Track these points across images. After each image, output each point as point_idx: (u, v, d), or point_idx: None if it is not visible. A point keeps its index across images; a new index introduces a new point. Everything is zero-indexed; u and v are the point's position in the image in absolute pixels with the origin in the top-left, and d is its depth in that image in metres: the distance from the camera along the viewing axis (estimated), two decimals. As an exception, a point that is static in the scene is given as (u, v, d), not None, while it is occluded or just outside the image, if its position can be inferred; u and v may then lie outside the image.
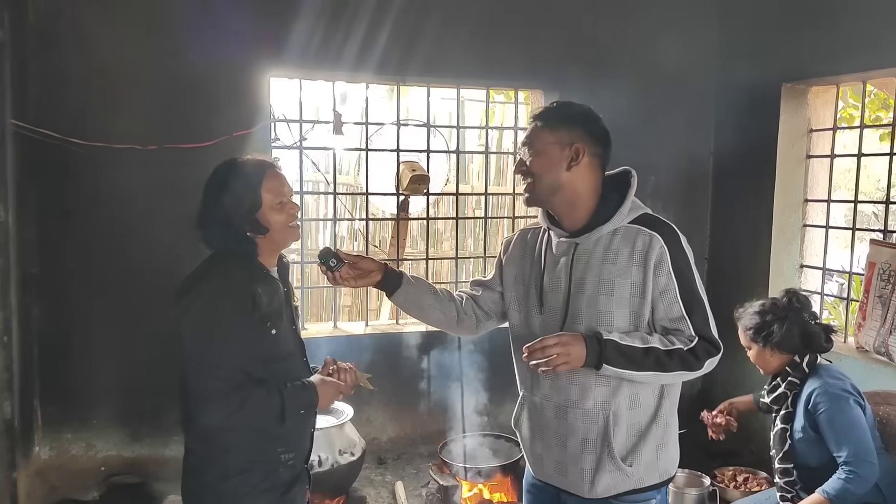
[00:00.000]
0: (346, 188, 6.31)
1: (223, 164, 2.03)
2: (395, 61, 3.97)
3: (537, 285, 2.05)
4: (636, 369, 1.86)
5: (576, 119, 1.97)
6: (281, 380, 2.05)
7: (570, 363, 1.83)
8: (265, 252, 2.08)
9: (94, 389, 3.71)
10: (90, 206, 3.60)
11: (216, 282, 1.94)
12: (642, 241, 1.90)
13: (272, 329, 2.04)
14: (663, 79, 4.45)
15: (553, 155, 1.93)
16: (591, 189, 1.96)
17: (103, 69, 3.55)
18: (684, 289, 1.89)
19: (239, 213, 1.97)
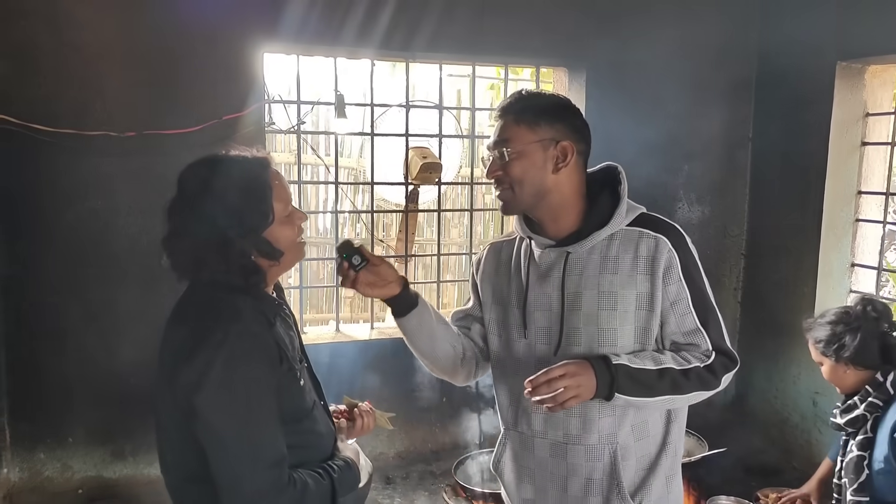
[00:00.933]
0: (350, 173, 5.90)
1: (208, 160, 1.55)
2: (403, 35, 3.53)
3: (519, 304, 1.80)
4: (650, 395, 1.65)
5: (557, 112, 1.73)
6: (311, 440, 1.65)
7: (581, 397, 1.59)
8: (270, 278, 1.64)
9: (69, 403, 3.33)
10: (61, 201, 3.19)
11: (234, 331, 1.45)
12: (647, 245, 1.70)
13: (300, 379, 1.62)
14: (699, 56, 4.03)
15: (536, 156, 1.70)
16: (578, 190, 1.75)
17: (75, 44, 3.12)
18: (697, 297, 1.72)
19: (241, 235, 1.49)
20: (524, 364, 1.79)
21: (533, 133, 1.69)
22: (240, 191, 1.49)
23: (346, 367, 3.69)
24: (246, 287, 1.53)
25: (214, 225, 1.47)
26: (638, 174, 3.43)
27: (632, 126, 3.89)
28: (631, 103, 3.87)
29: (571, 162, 1.70)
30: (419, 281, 5.97)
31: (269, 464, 1.45)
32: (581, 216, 1.76)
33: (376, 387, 3.77)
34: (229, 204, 1.47)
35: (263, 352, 1.48)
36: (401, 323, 1.82)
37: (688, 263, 1.71)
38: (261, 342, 1.48)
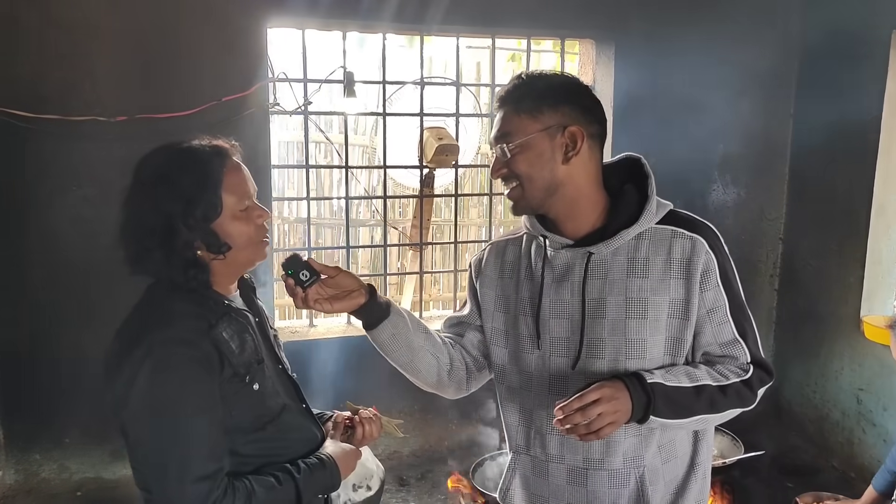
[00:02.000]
0: (363, 151, 5.66)
1: (159, 150, 1.49)
2: (417, 6, 3.27)
3: (532, 311, 1.60)
4: (686, 415, 1.48)
5: (561, 94, 1.52)
6: (278, 448, 1.53)
7: (617, 423, 1.41)
8: (223, 276, 1.53)
9: (65, 402, 3.17)
10: (49, 191, 3.00)
11: (158, 340, 1.38)
12: (681, 246, 1.52)
13: (253, 383, 1.49)
14: (738, 27, 3.72)
15: (542, 147, 1.50)
16: (595, 180, 1.56)
17: (61, 21, 2.89)
18: (735, 304, 1.55)
19: (187, 224, 1.42)
20: (537, 379, 1.61)
21: (536, 121, 1.49)
22: (188, 179, 1.42)
23: (357, 362, 3.49)
24: (185, 282, 1.44)
25: (159, 213, 1.41)
26: (670, 154, 3.16)
27: (663, 103, 3.62)
28: (663, 78, 3.59)
29: (583, 148, 1.50)
30: (436, 270, 5.75)
31: (197, 478, 1.37)
32: (603, 212, 1.56)
33: (389, 382, 3.56)
34: (176, 191, 1.41)
35: (193, 360, 1.40)
36: (373, 335, 1.63)
37: (725, 267, 1.54)
38: (191, 349, 1.40)
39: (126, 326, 1.46)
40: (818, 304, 3.85)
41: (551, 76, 1.58)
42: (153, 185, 1.43)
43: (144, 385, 1.36)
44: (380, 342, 1.64)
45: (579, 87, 1.56)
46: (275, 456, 1.54)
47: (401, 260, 5.86)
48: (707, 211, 3.79)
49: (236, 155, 1.52)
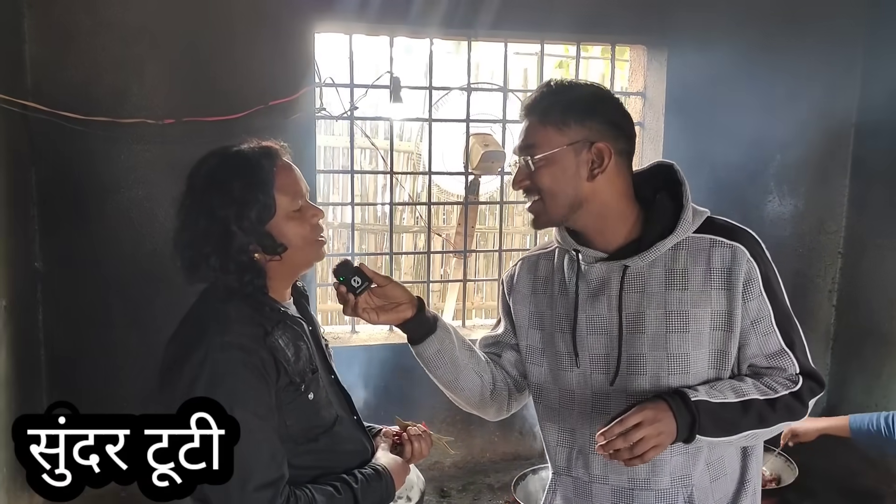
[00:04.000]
0: (408, 158, 5.64)
1: (209, 155, 1.50)
2: (466, 11, 3.22)
3: (568, 328, 1.56)
4: (733, 432, 1.43)
5: (590, 107, 1.47)
6: (331, 460, 1.52)
7: (662, 446, 1.36)
8: (279, 281, 1.51)
9: (112, 401, 3.14)
10: (99, 193, 3.02)
11: (217, 345, 1.38)
12: (721, 255, 1.47)
13: (308, 393, 1.48)
14: (798, 32, 3.58)
15: (567, 162, 1.45)
16: (623, 194, 1.51)
17: (112, 23, 2.92)
18: (780, 313, 1.49)
19: (242, 227, 1.42)
20: (578, 397, 1.57)
21: (562, 135, 1.45)
22: (239, 181, 1.42)
23: (399, 370, 3.45)
24: (241, 287, 1.43)
25: (213, 217, 1.42)
26: (724, 165, 3.08)
27: (718, 111, 3.50)
28: (718, 86, 3.47)
29: (610, 165, 1.45)
30: (480, 278, 5.70)
31: (260, 485, 1.36)
32: (636, 224, 1.52)
33: (431, 391, 3.50)
34: (228, 195, 1.42)
35: (251, 366, 1.39)
36: (418, 351, 1.61)
37: (769, 275, 1.49)
38: (248, 356, 1.39)
39: (182, 331, 1.46)
40: (880, 322, 3.68)
41: (580, 86, 1.53)
42: (205, 190, 1.44)
43: (203, 391, 1.34)
44: (425, 357, 1.60)
45: (608, 99, 1.52)
46: (327, 468, 1.53)
47: (444, 267, 5.81)
48: (763, 223, 3.65)
49: (286, 155, 1.52)
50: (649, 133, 3.69)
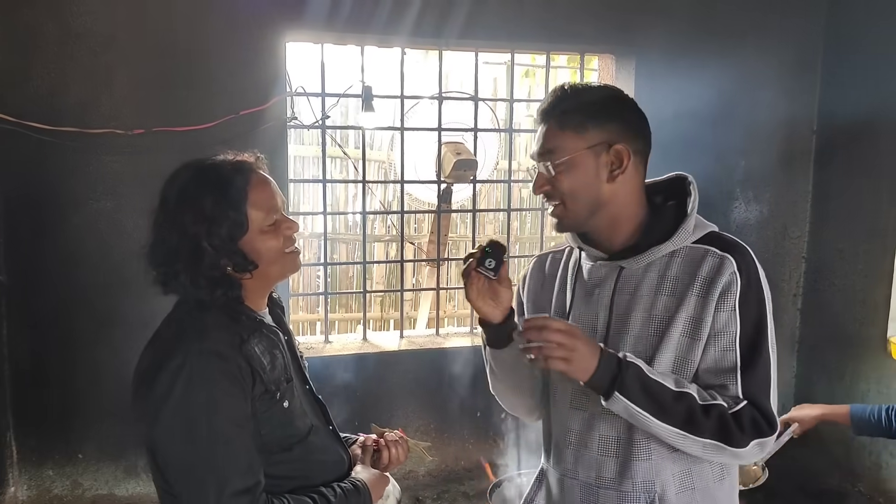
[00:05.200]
0: (379, 167, 5.64)
1: (182, 169, 1.46)
2: (436, 20, 3.25)
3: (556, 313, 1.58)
4: (658, 416, 1.39)
5: (607, 109, 1.48)
6: (305, 470, 1.51)
7: (570, 364, 1.36)
8: (254, 291, 1.50)
9: (79, 417, 3.14)
10: (66, 204, 2.98)
11: (194, 352, 1.36)
12: (710, 264, 1.45)
13: (283, 401, 1.47)
14: (758, 42, 3.67)
15: (587, 165, 1.46)
16: (637, 198, 1.52)
17: (81, 32, 2.89)
18: (748, 335, 1.43)
19: (213, 245, 1.39)
20: (560, 392, 1.58)
21: (581, 139, 1.45)
22: (211, 197, 1.40)
23: (372, 380, 3.45)
24: (212, 301, 1.42)
25: (184, 233, 1.39)
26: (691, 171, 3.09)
27: (684, 119, 3.55)
28: (684, 93, 3.53)
29: (629, 166, 1.46)
30: (452, 286, 5.71)
31: (236, 492, 1.34)
32: (640, 228, 1.51)
33: (404, 400, 3.52)
34: (200, 212, 1.39)
35: (228, 374, 1.37)
36: (496, 353, 1.60)
37: (749, 292, 1.43)
38: (225, 363, 1.37)
39: (158, 339, 1.43)
40: (843, 325, 3.76)
41: (596, 88, 1.54)
42: (177, 206, 1.41)
43: (180, 397, 1.33)
44: (501, 360, 1.61)
45: (624, 100, 1.52)
46: (302, 479, 1.51)
47: (416, 276, 5.82)
48: (729, 229, 3.65)
49: (262, 168, 1.50)
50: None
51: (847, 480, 3.71)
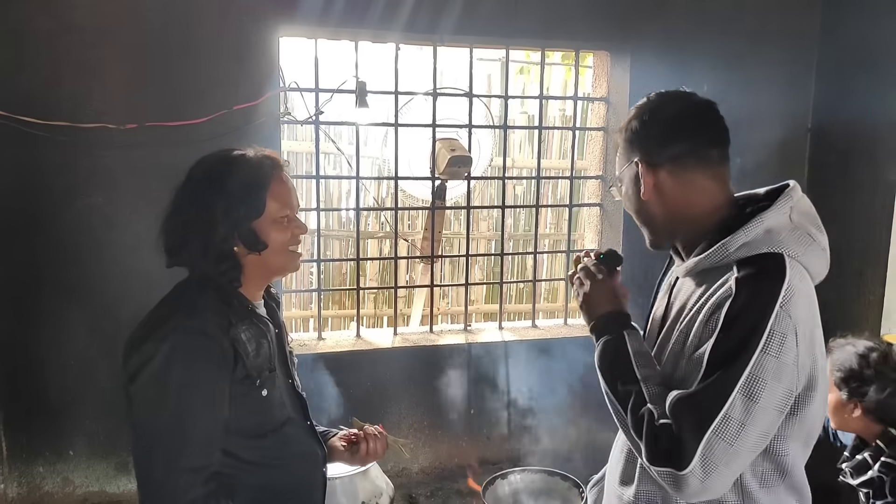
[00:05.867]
0: (373, 163, 5.61)
1: (215, 153, 1.58)
2: (430, 16, 3.23)
3: (642, 328, 1.61)
4: (609, 382, 1.43)
5: (639, 123, 1.48)
6: (276, 459, 1.56)
7: (582, 301, 1.56)
8: (252, 280, 1.57)
9: (69, 414, 3.11)
10: (59, 199, 2.95)
11: (181, 327, 1.44)
12: (727, 287, 1.32)
13: (262, 389, 1.53)
14: (755, 40, 3.67)
15: (626, 184, 1.52)
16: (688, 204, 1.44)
17: (72, 26, 2.86)
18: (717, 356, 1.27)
19: (230, 218, 1.50)
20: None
21: (623, 159, 1.52)
22: (236, 178, 1.50)
23: (365, 377, 3.43)
24: (216, 275, 1.51)
25: (204, 205, 1.48)
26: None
27: (680, 116, 3.55)
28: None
29: (662, 177, 1.44)
30: (446, 283, 5.70)
31: (189, 469, 1.40)
32: (705, 237, 1.43)
33: (397, 397, 3.51)
34: (222, 189, 1.49)
35: (211, 353, 1.44)
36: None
37: (738, 314, 1.27)
38: (211, 342, 1.44)
39: (152, 315, 1.50)
40: (837, 323, 3.75)
41: (650, 99, 1.50)
42: (201, 181, 1.52)
43: (159, 365, 1.40)
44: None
45: (658, 109, 1.47)
46: (272, 467, 1.57)
47: (410, 273, 5.80)
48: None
49: (286, 170, 1.61)
50: (613, 138, 3.73)
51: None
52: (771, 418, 1.27)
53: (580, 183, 4.26)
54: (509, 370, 3.63)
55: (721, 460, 1.23)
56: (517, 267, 6.20)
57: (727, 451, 1.23)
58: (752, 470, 1.36)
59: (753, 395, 1.23)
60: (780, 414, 1.28)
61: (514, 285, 6.11)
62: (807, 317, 1.30)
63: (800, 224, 1.38)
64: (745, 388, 1.23)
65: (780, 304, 1.25)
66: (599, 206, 3.86)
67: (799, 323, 1.26)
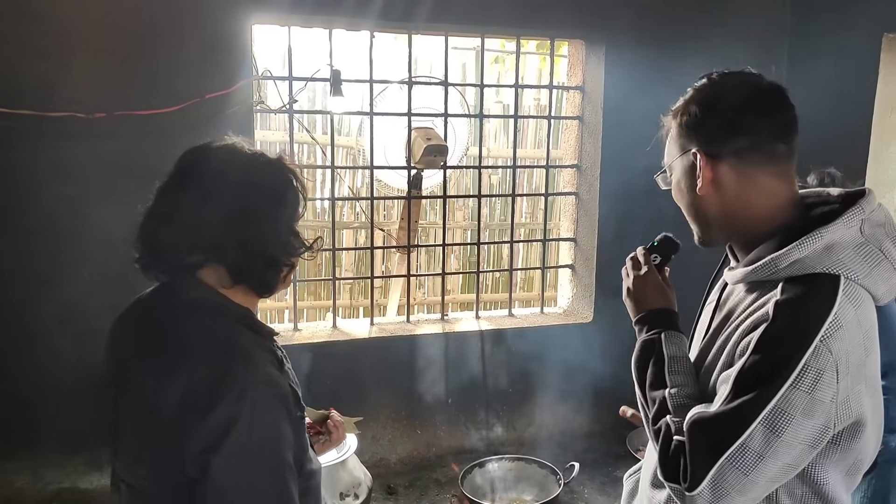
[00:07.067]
0: (348, 153, 5.57)
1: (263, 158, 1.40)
2: (405, 3, 3.20)
3: (689, 332, 1.50)
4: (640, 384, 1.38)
5: (698, 108, 1.32)
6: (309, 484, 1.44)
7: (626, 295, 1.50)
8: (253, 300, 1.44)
9: (40, 409, 3.05)
10: (26, 191, 2.88)
11: (251, 382, 1.23)
12: (765, 310, 1.20)
13: (304, 418, 1.46)
14: (728, 29, 3.68)
15: (680, 176, 1.37)
16: (755, 203, 1.31)
17: (38, 13, 2.78)
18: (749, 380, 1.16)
19: (287, 219, 1.40)
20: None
21: (676, 146, 1.37)
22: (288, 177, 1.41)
23: (342, 368, 3.41)
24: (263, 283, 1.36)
25: (277, 223, 1.37)
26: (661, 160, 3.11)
27: (654, 106, 3.54)
28: (653, 79, 3.53)
29: (722, 170, 1.29)
30: (422, 273, 5.69)
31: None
32: (761, 240, 1.31)
33: (374, 388, 3.50)
34: (282, 185, 1.39)
35: (281, 401, 1.28)
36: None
37: (771, 342, 1.16)
38: (279, 390, 1.28)
39: (195, 363, 1.26)
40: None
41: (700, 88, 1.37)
42: (270, 195, 1.37)
43: (245, 428, 1.20)
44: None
45: (722, 94, 1.33)
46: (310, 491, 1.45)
47: (386, 263, 5.78)
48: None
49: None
50: (588, 127, 3.75)
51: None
52: (798, 452, 1.17)
53: (555, 172, 4.26)
54: (486, 359, 3.64)
55: (734, 488, 1.17)
56: (493, 256, 6.21)
57: (741, 480, 1.16)
58: (788, 491, 1.26)
59: (776, 429, 1.14)
60: (811, 449, 1.18)
61: (490, 274, 6.11)
62: (856, 349, 1.17)
63: (872, 237, 1.23)
64: (768, 421, 1.14)
65: (821, 338, 1.13)
66: (575, 194, 3.87)
67: (842, 358, 1.14)
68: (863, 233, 1.23)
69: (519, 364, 3.64)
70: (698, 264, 1.64)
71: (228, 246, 1.30)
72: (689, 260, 1.59)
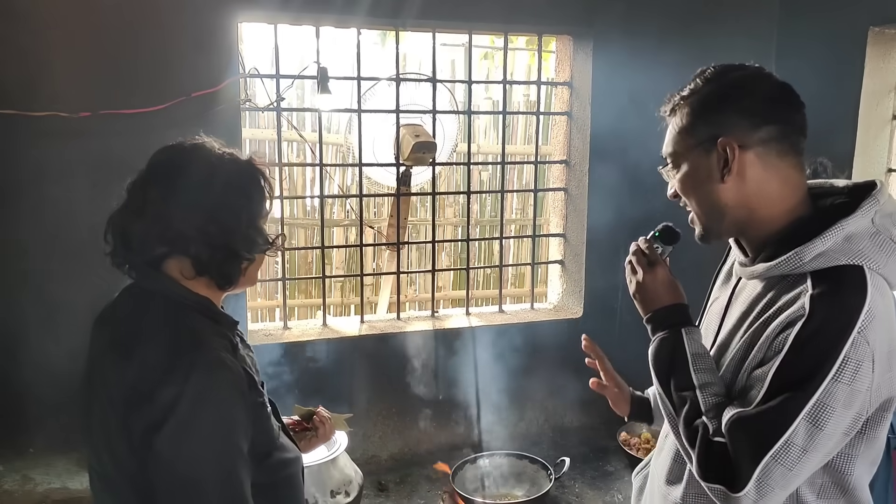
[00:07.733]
0: (337, 150, 5.56)
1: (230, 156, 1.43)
2: (393, 0, 3.19)
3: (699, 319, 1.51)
4: (663, 383, 1.33)
5: (718, 98, 1.31)
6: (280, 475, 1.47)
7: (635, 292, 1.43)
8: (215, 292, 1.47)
9: (27, 411, 3.04)
10: (10, 191, 2.86)
11: (198, 362, 1.27)
12: (799, 305, 1.20)
13: (265, 406, 1.45)
14: (717, 23, 3.69)
15: (698, 165, 1.32)
16: (775, 194, 1.30)
17: (19, 10, 2.76)
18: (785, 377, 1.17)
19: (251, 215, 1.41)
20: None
21: (690, 137, 1.32)
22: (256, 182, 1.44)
23: (332, 365, 3.41)
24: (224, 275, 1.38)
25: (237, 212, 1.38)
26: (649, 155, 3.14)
27: (643, 101, 3.54)
28: (641, 74, 3.53)
29: (749, 160, 1.27)
30: (413, 270, 5.68)
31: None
32: (779, 233, 1.30)
33: (365, 385, 3.49)
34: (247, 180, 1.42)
35: (233, 385, 1.31)
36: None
37: (811, 338, 1.16)
38: (230, 374, 1.31)
39: (146, 348, 1.30)
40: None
41: (723, 71, 1.36)
42: (214, 170, 1.39)
43: (188, 407, 1.23)
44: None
45: (744, 83, 1.32)
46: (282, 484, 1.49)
47: (376, 260, 5.77)
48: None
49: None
50: (576, 122, 3.75)
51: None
52: (835, 441, 1.19)
53: (545, 168, 4.27)
54: (477, 356, 3.64)
55: (778, 484, 1.17)
56: (483, 252, 6.21)
57: (786, 475, 1.17)
58: (809, 482, 1.27)
59: (819, 423, 1.14)
60: (846, 437, 1.21)
61: (480, 271, 6.12)
62: (886, 338, 1.19)
63: (882, 227, 1.24)
64: (811, 416, 1.15)
65: (859, 329, 1.15)
66: (564, 190, 3.87)
67: (877, 347, 1.16)
68: (874, 223, 1.24)
69: (509, 360, 3.64)
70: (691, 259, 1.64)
71: (192, 238, 1.33)
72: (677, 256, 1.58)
